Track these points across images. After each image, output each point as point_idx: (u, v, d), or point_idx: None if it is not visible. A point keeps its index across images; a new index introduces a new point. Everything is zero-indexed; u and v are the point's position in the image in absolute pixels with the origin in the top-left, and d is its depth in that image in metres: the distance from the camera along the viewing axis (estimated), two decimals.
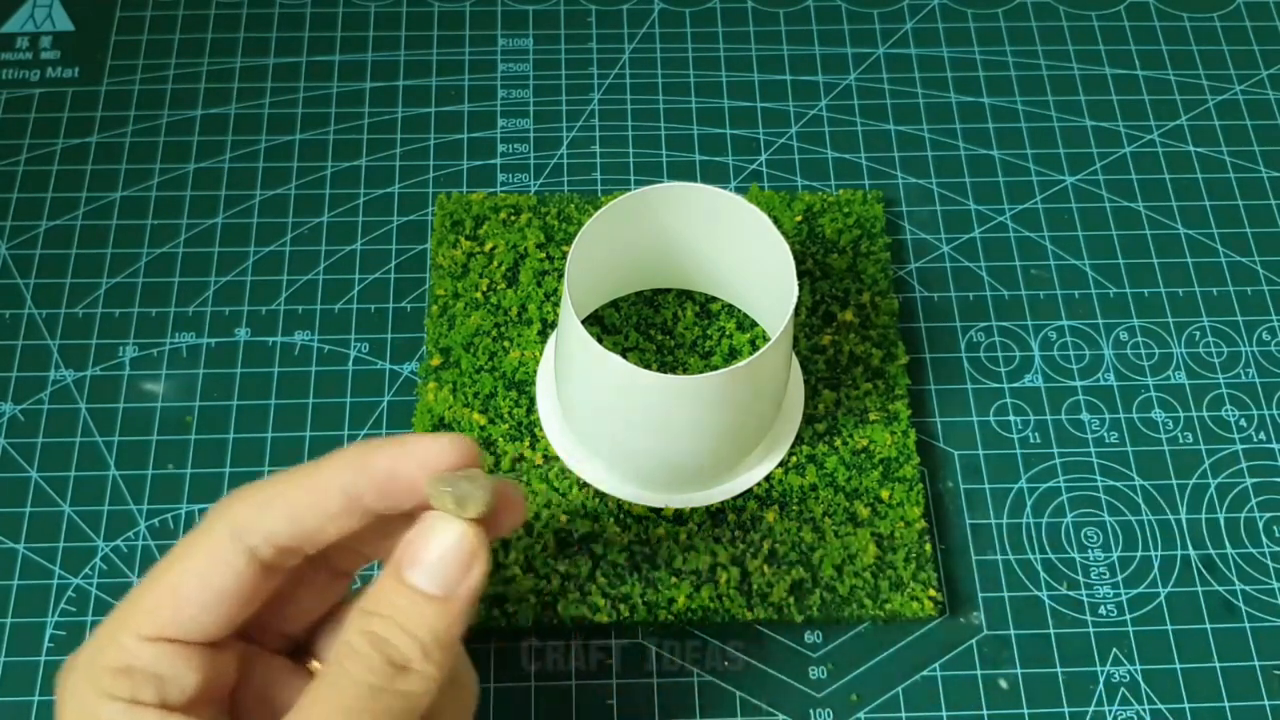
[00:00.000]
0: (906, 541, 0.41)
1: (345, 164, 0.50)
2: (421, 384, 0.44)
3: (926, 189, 0.50)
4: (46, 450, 0.44)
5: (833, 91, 0.53)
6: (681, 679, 0.40)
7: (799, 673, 0.41)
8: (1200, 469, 0.44)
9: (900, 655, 0.41)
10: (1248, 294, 0.48)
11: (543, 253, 0.46)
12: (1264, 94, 0.53)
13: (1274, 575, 0.43)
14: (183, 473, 0.43)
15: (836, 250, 0.47)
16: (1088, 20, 0.55)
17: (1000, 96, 0.53)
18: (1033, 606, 0.42)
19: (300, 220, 0.49)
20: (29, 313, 0.46)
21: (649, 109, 0.52)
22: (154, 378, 0.45)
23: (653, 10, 0.55)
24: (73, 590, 0.41)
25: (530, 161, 0.51)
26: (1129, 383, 0.46)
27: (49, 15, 0.54)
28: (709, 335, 0.45)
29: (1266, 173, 0.51)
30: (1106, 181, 0.51)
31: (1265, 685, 0.41)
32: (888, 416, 0.44)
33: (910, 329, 0.47)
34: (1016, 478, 0.44)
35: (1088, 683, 0.41)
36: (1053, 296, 0.48)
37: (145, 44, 0.53)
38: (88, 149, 0.50)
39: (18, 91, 0.52)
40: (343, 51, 0.53)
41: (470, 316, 0.45)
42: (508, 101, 0.52)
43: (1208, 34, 0.55)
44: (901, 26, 0.55)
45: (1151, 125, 0.52)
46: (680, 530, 0.41)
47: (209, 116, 0.51)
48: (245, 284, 0.47)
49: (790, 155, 0.51)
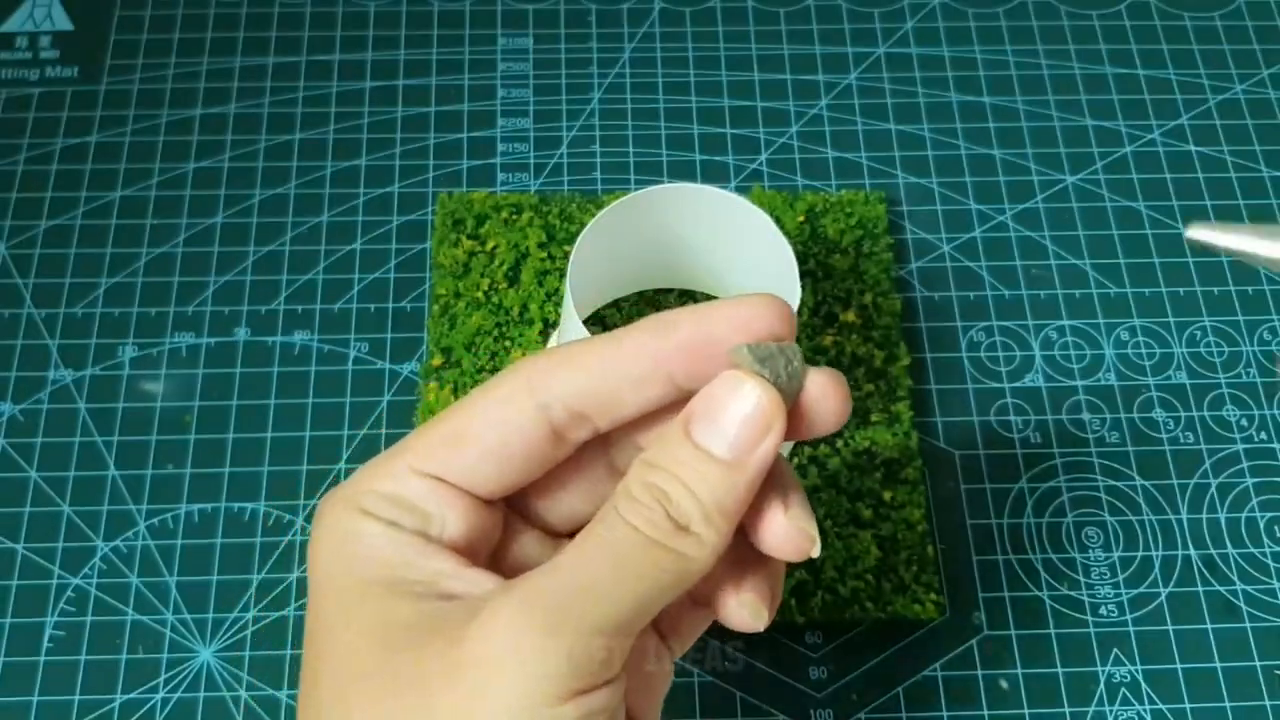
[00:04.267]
0: (909, 544, 0.41)
1: (345, 163, 0.50)
2: (422, 384, 0.44)
3: (927, 188, 0.50)
4: (46, 450, 0.44)
5: (833, 91, 0.53)
6: (681, 679, 0.40)
7: (799, 673, 0.41)
8: (1201, 469, 0.44)
9: (900, 655, 0.41)
10: (1249, 293, 0.48)
11: (544, 252, 0.46)
12: (1265, 93, 0.53)
13: (1275, 575, 0.43)
14: (182, 472, 0.43)
15: (838, 251, 0.47)
16: (1088, 19, 0.55)
17: (1001, 96, 0.53)
18: (1033, 606, 0.42)
19: (300, 220, 0.49)
20: (28, 312, 0.46)
21: (649, 108, 0.52)
22: (153, 377, 0.45)
23: (653, 9, 0.55)
24: (72, 590, 0.41)
25: (530, 161, 0.51)
26: (1130, 382, 0.46)
27: (48, 14, 0.54)
28: None
29: (1267, 172, 0.51)
30: (1107, 181, 0.51)
31: (1266, 685, 0.41)
32: (890, 418, 0.44)
33: (911, 329, 0.47)
34: (1017, 478, 0.44)
35: (1088, 683, 0.41)
36: (1053, 296, 0.48)
37: (144, 43, 0.53)
38: (87, 148, 0.50)
39: (17, 91, 0.52)
40: (342, 51, 0.53)
41: (471, 316, 0.45)
42: (508, 101, 0.52)
43: (1209, 33, 0.55)
44: (902, 26, 0.55)
45: (1152, 124, 0.52)
46: None
47: (208, 116, 0.51)
48: (245, 284, 0.47)
49: (791, 155, 0.51)
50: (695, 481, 0.25)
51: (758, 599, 0.28)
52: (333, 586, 0.26)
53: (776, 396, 0.26)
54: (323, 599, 0.26)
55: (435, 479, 0.26)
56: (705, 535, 0.25)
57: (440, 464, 0.26)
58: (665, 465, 0.26)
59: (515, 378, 0.27)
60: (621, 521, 0.25)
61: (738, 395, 0.26)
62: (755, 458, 0.26)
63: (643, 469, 0.26)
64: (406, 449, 0.27)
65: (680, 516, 0.25)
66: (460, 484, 0.27)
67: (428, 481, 0.26)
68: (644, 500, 0.25)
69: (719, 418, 0.26)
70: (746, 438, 0.25)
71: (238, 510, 0.43)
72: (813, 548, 0.27)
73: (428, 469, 0.26)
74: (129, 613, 0.41)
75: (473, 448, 0.26)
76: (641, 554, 0.25)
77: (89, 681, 0.40)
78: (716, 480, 0.25)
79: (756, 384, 0.25)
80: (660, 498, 0.25)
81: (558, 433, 0.27)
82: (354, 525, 0.26)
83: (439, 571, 0.26)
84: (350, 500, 0.26)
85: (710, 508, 0.25)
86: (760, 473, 0.26)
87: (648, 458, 0.26)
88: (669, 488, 0.25)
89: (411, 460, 0.27)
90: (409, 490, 0.26)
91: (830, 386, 0.27)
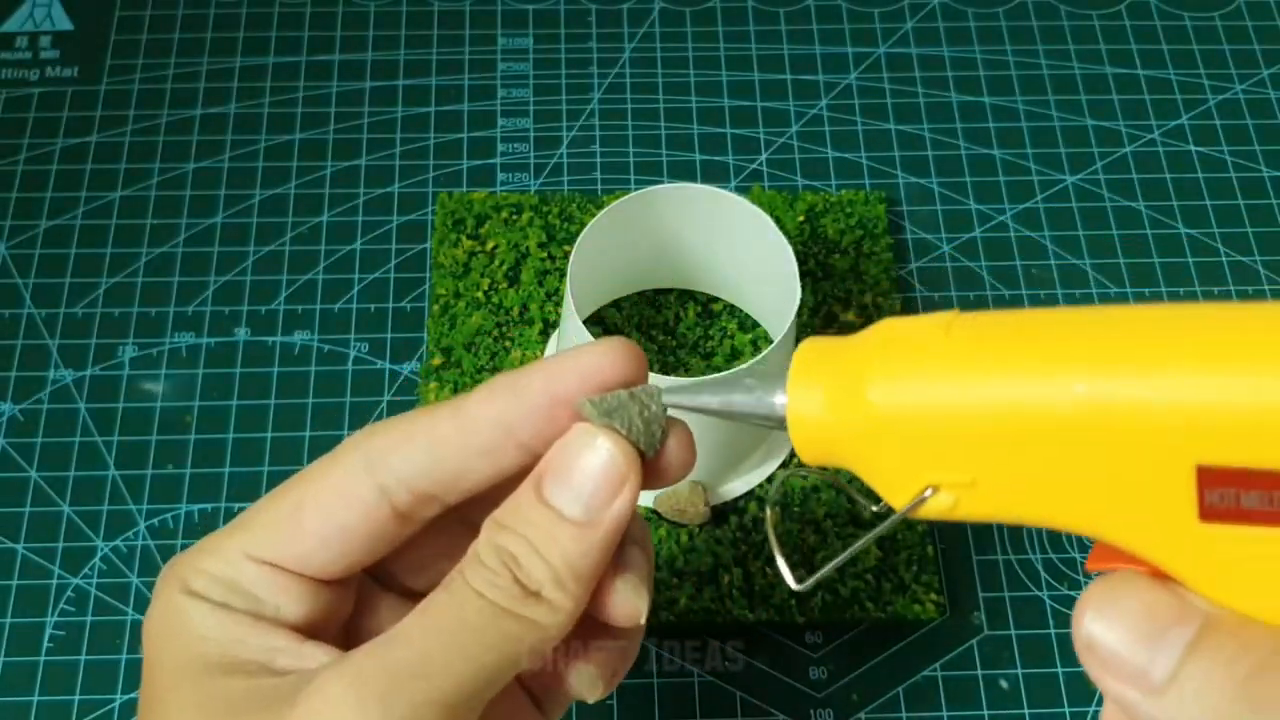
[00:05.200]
0: (909, 544, 0.41)
1: (345, 163, 0.50)
2: (423, 383, 0.44)
3: (927, 188, 0.50)
4: (46, 450, 0.44)
5: (833, 91, 0.53)
6: (681, 679, 0.40)
7: (799, 673, 0.41)
8: None
9: (900, 655, 0.41)
10: (1249, 293, 0.48)
11: (544, 252, 0.46)
12: (1265, 93, 0.53)
13: None
14: (182, 472, 0.43)
15: (839, 251, 0.47)
16: (1088, 19, 0.55)
17: (1001, 96, 0.53)
18: (1033, 606, 0.42)
19: (300, 220, 0.49)
20: (28, 312, 0.46)
21: (649, 108, 0.52)
22: (153, 377, 0.45)
23: (653, 9, 0.55)
24: (72, 590, 0.41)
25: (530, 161, 0.51)
26: None
27: (48, 14, 0.54)
28: (711, 335, 0.45)
29: (1267, 172, 0.51)
30: (1107, 181, 0.51)
31: None
32: None
33: None
34: None
35: (1088, 683, 0.40)
36: (1053, 296, 0.48)
37: (144, 43, 0.53)
38: (87, 148, 0.50)
39: (17, 91, 0.52)
40: (342, 51, 0.53)
41: (471, 316, 0.45)
42: (508, 101, 0.52)
43: (1209, 33, 0.55)
44: (902, 26, 0.55)
45: (1152, 125, 0.52)
46: (681, 531, 0.41)
47: (208, 116, 0.51)
48: (245, 284, 0.47)
49: (791, 155, 0.51)
50: (545, 543, 0.24)
51: (595, 672, 0.27)
52: (164, 666, 0.25)
53: (630, 450, 0.25)
54: (155, 678, 0.25)
55: (269, 564, 0.25)
56: (557, 600, 0.24)
57: (275, 549, 0.25)
58: (514, 526, 0.24)
59: (352, 457, 0.25)
60: (467, 588, 0.24)
61: (589, 450, 0.24)
62: (609, 515, 0.24)
63: (492, 530, 0.25)
64: (244, 527, 0.26)
65: (529, 581, 0.24)
66: (297, 569, 0.25)
67: (261, 567, 0.25)
68: (491, 565, 0.24)
69: (570, 475, 0.24)
70: (599, 495, 0.24)
71: (238, 510, 0.42)
72: (640, 618, 0.26)
73: (262, 554, 0.25)
74: (129, 613, 0.41)
75: (309, 535, 0.25)
76: (488, 622, 0.24)
77: (89, 681, 0.40)
78: (568, 541, 0.24)
79: (608, 438, 0.24)
80: (508, 561, 0.24)
81: (401, 514, 0.25)
82: (184, 606, 0.25)
83: (272, 648, 0.25)
84: (181, 581, 0.25)
85: (562, 570, 0.24)
86: (616, 530, 0.25)
87: (498, 517, 0.25)
88: (517, 550, 0.24)
89: (246, 543, 0.25)
90: (241, 575, 0.25)
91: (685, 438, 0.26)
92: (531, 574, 0.24)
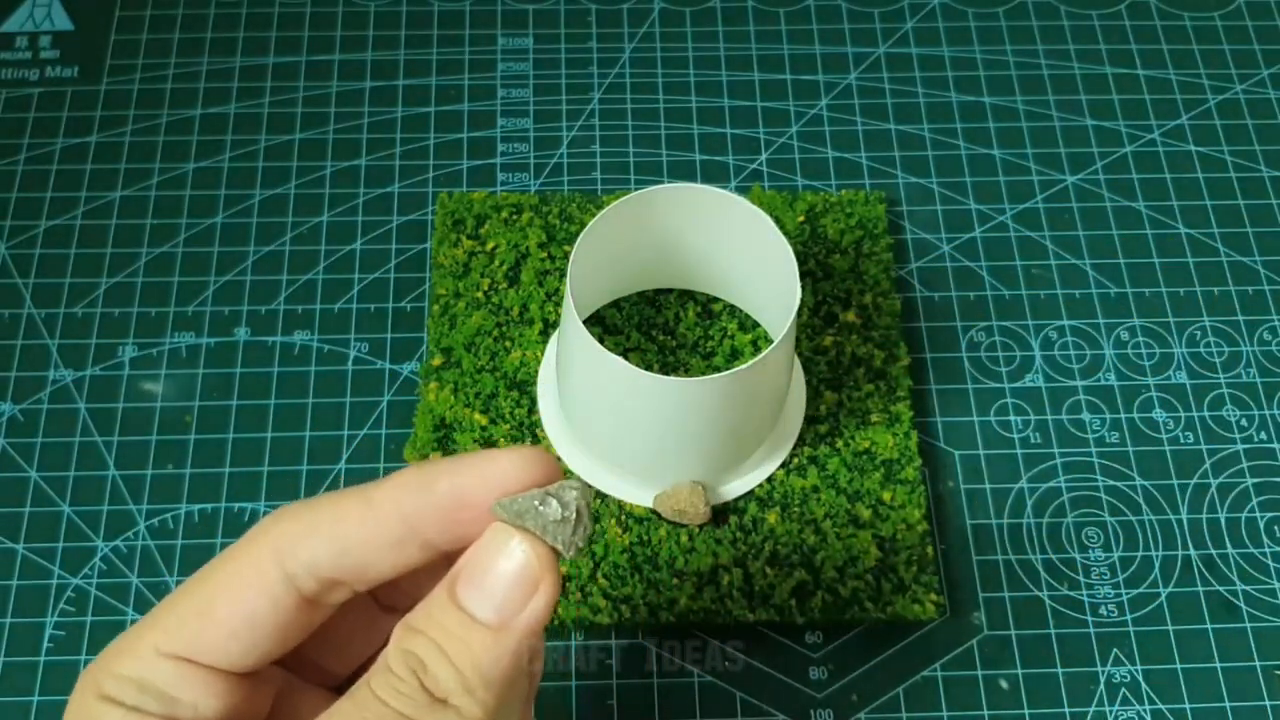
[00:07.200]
0: (908, 544, 0.41)
1: (345, 163, 0.50)
2: (423, 384, 0.44)
3: (927, 188, 0.50)
4: (46, 450, 0.44)
5: (833, 91, 0.53)
6: (681, 679, 0.40)
7: (799, 673, 0.41)
8: (1201, 469, 0.44)
9: (900, 655, 0.41)
10: (1249, 293, 0.48)
11: (544, 252, 0.46)
12: (1265, 93, 0.53)
13: (1275, 575, 0.43)
14: (182, 472, 0.43)
15: (838, 251, 0.47)
16: (1088, 19, 0.55)
17: (1001, 96, 0.53)
18: (1033, 606, 0.42)
19: (300, 220, 0.49)
20: (28, 312, 0.46)
21: (649, 108, 0.52)
22: (153, 377, 0.45)
23: (653, 9, 0.55)
24: (72, 590, 0.41)
25: (530, 161, 0.50)
26: (1130, 382, 0.46)
27: (48, 14, 0.54)
28: (711, 336, 0.45)
29: (1267, 172, 0.51)
30: (1107, 181, 0.51)
31: (1266, 685, 0.41)
32: (889, 418, 0.44)
33: (911, 329, 0.47)
34: (1017, 478, 0.44)
35: (1088, 683, 0.41)
36: (1053, 296, 0.48)
37: (145, 43, 0.53)
38: (87, 148, 0.50)
39: (17, 91, 0.52)
40: (342, 51, 0.53)
41: (471, 316, 0.45)
42: (508, 101, 0.52)
43: (1209, 33, 0.55)
44: (902, 26, 0.55)
45: (1152, 125, 0.52)
46: (681, 531, 0.41)
47: (208, 116, 0.51)
48: (244, 284, 0.47)
49: (790, 155, 0.51)
50: (455, 648, 0.24)
51: None
52: None
53: (546, 553, 0.24)
54: None
55: (183, 660, 0.25)
56: (466, 708, 0.24)
57: (186, 644, 0.25)
58: (426, 630, 0.24)
59: (259, 547, 0.25)
60: (371, 697, 0.24)
61: (503, 553, 0.24)
62: (522, 620, 0.24)
63: (402, 634, 0.24)
64: (154, 624, 0.25)
65: (436, 688, 0.24)
66: (210, 663, 0.25)
67: (175, 663, 0.25)
68: (399, 671, 0.24)
69: (484, 578, 0.24)
70: (512, 598, 0.24)
71: (238, 510, 0.43)
72: None
73: (174, 650, 0.25)
74: (129, 613, 0.41)
75: (220, 626, 0.25)
76: None
77: None
78: (480, 647, 0.24)
79: (525, 540, 0.24)
80: (416, 667, 0.24)
81: (310, 601, 0.25)
82: (97, 713, 0.24)
83: None
84: (93, 685, 0.25)
85: (471, 677, 0.24)
86: (529, 635, 0.24)
87: (409, 621, 0.25)
88: (426, 655, 0.24)
89: (157, 639, 0.25)
90: (155, 674, 0.25)
91: None
92: (439, 680, 0.24)
